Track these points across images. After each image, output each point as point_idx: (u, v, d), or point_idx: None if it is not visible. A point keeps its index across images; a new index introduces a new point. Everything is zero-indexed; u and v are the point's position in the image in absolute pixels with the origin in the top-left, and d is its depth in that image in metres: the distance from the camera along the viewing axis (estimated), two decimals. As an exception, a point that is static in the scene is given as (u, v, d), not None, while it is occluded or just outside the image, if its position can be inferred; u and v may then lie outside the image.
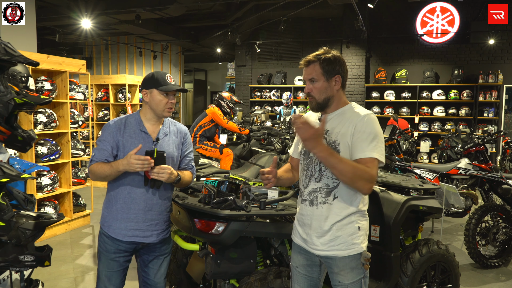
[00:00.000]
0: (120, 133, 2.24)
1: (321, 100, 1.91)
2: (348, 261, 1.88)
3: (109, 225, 2.29)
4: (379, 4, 7.83)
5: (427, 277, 2.96)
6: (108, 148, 2.23)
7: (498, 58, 9.89)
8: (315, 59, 1.89)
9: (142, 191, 2.25)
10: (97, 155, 2.24)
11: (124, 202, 2.26)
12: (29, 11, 6.17)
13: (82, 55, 14.48)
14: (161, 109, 2.26)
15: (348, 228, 1.87)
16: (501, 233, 4.31)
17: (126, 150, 2.21)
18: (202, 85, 18.75)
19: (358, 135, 1.81)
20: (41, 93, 4.95)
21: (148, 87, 2.27)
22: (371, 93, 10.76)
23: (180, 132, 2.41)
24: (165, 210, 2.36)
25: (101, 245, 2.33)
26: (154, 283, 2.40)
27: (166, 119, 2.39)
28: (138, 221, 2.26)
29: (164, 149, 2.26)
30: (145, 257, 2.39)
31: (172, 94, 2.27)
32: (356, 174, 1.73)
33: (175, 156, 2.35)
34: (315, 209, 1.92)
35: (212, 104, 5.70)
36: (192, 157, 2.47)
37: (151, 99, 2.26)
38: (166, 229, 2.40)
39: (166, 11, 9.05)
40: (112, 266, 2.29)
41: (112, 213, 2.28)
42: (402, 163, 5.15)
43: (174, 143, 2.36)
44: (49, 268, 4.06)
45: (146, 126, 2.29)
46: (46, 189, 5.02)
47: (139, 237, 2.28)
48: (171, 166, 2.28)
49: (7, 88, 2.21)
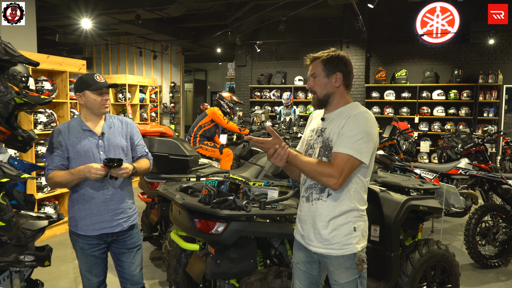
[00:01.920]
0: (66, 136, 2.34)
1: (321, 96, 1.96)
2: (342, 260, 1.89)
3: (75, 224, 2.38)
4: (379, 4, 7.83)
5: (427, 277, 2.96)
6: (59, 152, 2.32)
7: (498, 58, 9.89)
8: (319, 56, 1.97)
9: (99, 184, 2.34)
10: (51, 163, 2.32)
11: (83, 199, 2.35)
12: (29, 11, 6.17)
13: (82, 55, 14.48)
14: (97, 107, 2.37)
15: (344, 228, 1.88)
16: (501, 233, 4.31)
17: (75, 150, 2.32)
18: (202, 85, 18.75)
19: (343, 131, 1.85)
20: (41, 93, 4.95)
21: (80, 90, 2.36)
22: (371, 93, 10.76)
23: (125, 123, 2.52)
24: (126, 197, 2.45)
25: (74, 244, 2.43)
26: (130, 276, 2.49)
27: (107, 114, 2.48)
28: (101, 213, 2.36)
29: (111, 141, 2.40)
30: (116, 251, 2.48)
31: (105, 91, 2.38)
32: (316, 171, 1.80)
33: (125, 145, 2.45)
34: (310, 205, 1.96)
35: (205, 103, 5.71)
36: (143, 144, 2.59)
37: (86, 100, 2.36)
38: (132, 215, 2.49)
39: (166, 11, 9.05)
40: (90, 260, 2.40)
41: (76, 212, 2.37)
42: (402, 163, 5.15)
43: (121, 133, 2.46)
44: (49, 268, 4.06)
45: (88, 125, 2.40)
46: (46, 189, 5.03)
47: (106, 228, 2.37)
48: (123, 156, 2.42)
49: (7, 88, 2.21)
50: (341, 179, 1.79)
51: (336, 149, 1.83)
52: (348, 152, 1.80)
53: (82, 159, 2.32)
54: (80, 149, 2.32)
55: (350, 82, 1.99)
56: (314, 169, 1.80)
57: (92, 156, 2.34)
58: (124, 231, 2.45)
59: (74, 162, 2.32)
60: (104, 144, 2.38)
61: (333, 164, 1.80)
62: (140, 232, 2.61)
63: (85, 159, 2.32)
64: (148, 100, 9.20)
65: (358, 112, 1.87)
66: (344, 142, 1.82)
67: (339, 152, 1.81)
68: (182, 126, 14.12)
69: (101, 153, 2.36)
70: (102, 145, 2.37)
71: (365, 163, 1.84)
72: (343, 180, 1.80)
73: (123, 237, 2.46)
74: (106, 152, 2.37)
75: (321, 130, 1.98)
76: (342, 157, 1.80)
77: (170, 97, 13.66)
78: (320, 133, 1.98)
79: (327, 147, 1.90)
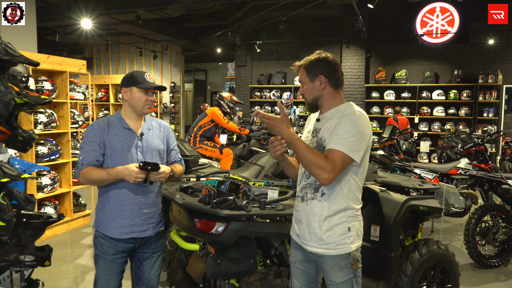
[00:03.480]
0: (104, 132, 2.26)
1: (310, 100, 1.99)
2: (337, 260, 1.90)
3: (105, 225, 2.28)
4: (379, 4, 7.83)
5: (427, 277, 2.96)
6: (96, 148, 2.23)
7: (498, 58, 9.89)
8: (302, 63, 2.00)
9: (134, 185, 2.25)
10: (86, 157, 2.23)
11: (117, 199, 2.26)
12: (29, 11, 6.17)
13: (82, 55, 14.49)
14: (141, 106, 2.30)
15: (338, 228, 1.89)
16: (501, 233, 4.31)
17: (113, 148, 2.24)
18: (202, 85, 18.75)
19: (336, 130, 1.85)
20: (41, 93, 4.95)
21: (128, 85, 2.31)
22: (371, 93, 10.76)
23: (163, 127, 2.48)
24: (158, 201, 2.40)
25: (98, 248, 2.31)
26: (148, 279, 2.42)
27: (147, 116, 2.44)
28: (133, 216, 2.28)
29: (149, 143, 2.34)
30: (140, 255, 2.40)
31: (151, 91, 2.33)
32: (311, 160, 1.79)
33: (162, 149, 2.41)
34: (305, 205, 1.97)
35: (206, 104, 5.72)
36: (177, 149, 2.54)
37: (130, 97, 2.30)
38: (160, 222, 2.44)
39: (166, 11, 9.05)
40: (111, 268, 2.29)
41: (106, 212, 2.28)
42: (402, 163, 5.15)
43: (159, 136, 2.41)
44: (49, 268, 4.06)
45: (128, 123, 2.33)
46: (46, 189, 5.03)
47: (136, 232, 2.29)
48: (159, 159, 2.37)
49: (7, 88, 2.21)
50: (332, 174, 1.79)
51: (330, 146, 1.84)
52: (340, 149, 1.80)
53: (118, 158, 2.24)
54: (118, 147, 2.24)
55: (338, 81, 1.96)
56: (310, 157, 1.79)
57: (129, 156, 2.26)
58: (153, 237, 2.38)
59: (110, 159, 2.24)
60: (143, 145, 2.31)
61: (328, 159, 1.80)
62: (165, 235, 2.54)
63: (122, 158, 2.24)
64: (148, 100, 9.18)
65: (351, 111, 1.88)
66: (337, 139, 1.82)
67: (333, 149, 1.82)
68: (182, 126, 14.12)
69: (138, 154, 2.28)
70: (141, 146, 2.30)
71: (356, 162, 1.84)
72: (334, 176, 1.80)
73: (151, 242, 2.39)
74: (144, 153, 2.30)
75: (316, 130, 2.00)
76: (336, 153, 1.81)
77: (170, 97, 13.67)
78: (315, 134, 2.00)
79: (320, 146, 1.92)
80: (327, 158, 1.80)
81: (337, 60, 1.98)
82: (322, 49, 2.03)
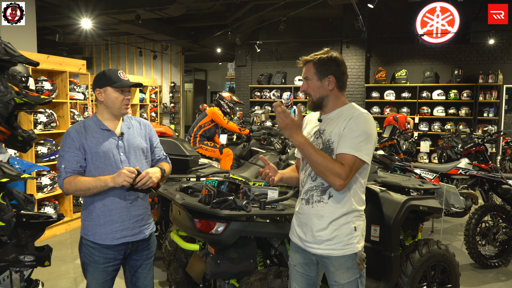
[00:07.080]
0: (82, 136, 2.14)
1: (316, 98, 1.95)
2: (343, 260, 1.89)
3: (93, 232, 2.15)
4: (379, 4, 7.83)
5: (427, 277, 2.96)
6: (77, 153, 2.11)
7: (498, 58, 9.89)
8: (311, 58, 1.95)
9: (120, 189, 2.14)
10: (69, 165, 2.09)
11: (103, 204, 2.15)
12: (29, 11, 6.17)
13: (82, 55, 14.49)
14: (118, 107, 2.19)
15: (345, 228, 1.88)
16: (501, 233, 4.31)
17: (93, 151, 2.13)
18: (202, 85, 18.75)
19: (345, 132, 1.84)
20: (41, 93, 4.95)
21: (102, 85, 2.17)
22: (371, 93, 10.76)
23: (144, 124, 2.36)
24: (146, 203, 2.31)
25: (86, 257, 2.18)
26: (144, 286, 2.34)
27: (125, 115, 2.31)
28: (123, 220, 2.17)
29: (131, 142, 2.23)
30: (133, 263, 2.31)
31: (127, 90, 2.21)
32: (327, 167, 1.77)
33: (145, 147, 2.30)
34: (310, 207, 1.94)
35: (205, 104, 5.72)
36: (161, 147, 2.44)
37: (106, 98, 2.17)
38: (151, 223, 2.35)
39: (166, 11, 9.05)
40: (101, 277, 2.18)
41: (94, 219, 2.16)
42: (402, 163, 5.15)
43: (140, 134, 2.29)
44: (49, 268, 4.06)
45: (106, 124, 2.21)
46: (46, 189, 5.03)
47: (128, 236, 2.19)
48: (143, 158, 2.26)
49: (7, 88, 2.21)
50: (347, 180, 1.80)
51: (341, 150, 1.82)
52: (353, 153, 1.79)
53: (101, 161, 2.12)
54: (99, 150, 2.12)
55: (344, 83, 1.96)
56: (326, 164, 1.77)
57: (112, 157, 2.14)
58: (145, 240, 2.28)
59: (92, 164, 2.12)
60: (124, 145, 2.19)
61: (342, 165, 1.78)
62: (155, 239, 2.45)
63: (105, 160, 2.13)
64: (148, 100, 9.20)
65: (359, 113, 1.86)
66: (348, 143, 1.81)
67: (345, 154, 1.80)
68: (182, 126, 14.12)
69: (121, 155, 2.17)
70: (122, 146, 2.19)
71: (367, 163, 1.86)
72: (348, 181, 1.81)
73: (142, 247, 2.29)
74: (127, 153, 2.19)
75: (320, 131, 1.97)
76: (349, 158, 1.80)
77: (170, 97, 13.67)
78: (319, 135, 1.96)
79: (328, 148, 1.89)
80: (342, 165, 1.78)
81: (344, 62, 1.98)
82: (322, 49, 2.00)
